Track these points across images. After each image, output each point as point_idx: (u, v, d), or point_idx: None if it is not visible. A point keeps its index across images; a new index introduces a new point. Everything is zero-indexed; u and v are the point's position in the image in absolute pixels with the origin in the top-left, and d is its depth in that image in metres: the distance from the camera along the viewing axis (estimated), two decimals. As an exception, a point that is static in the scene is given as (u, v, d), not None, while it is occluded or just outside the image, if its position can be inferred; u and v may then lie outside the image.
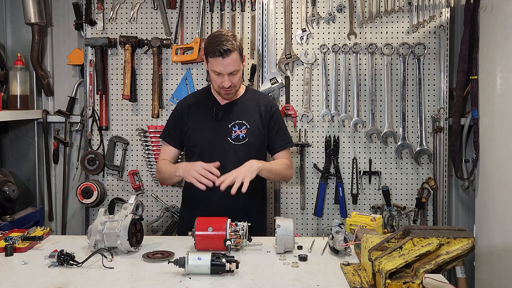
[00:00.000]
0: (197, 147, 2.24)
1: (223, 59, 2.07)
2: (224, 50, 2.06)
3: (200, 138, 2.23)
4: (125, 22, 2.87)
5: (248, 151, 2.20)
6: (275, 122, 2.29)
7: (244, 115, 2.24)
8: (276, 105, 2.37)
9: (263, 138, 2.26)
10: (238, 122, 2.22)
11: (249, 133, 2.21)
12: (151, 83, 2.84)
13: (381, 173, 2.81)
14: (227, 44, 2.06)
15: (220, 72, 2.10)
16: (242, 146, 2.20)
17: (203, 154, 2.21)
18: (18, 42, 2.98)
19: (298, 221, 2.86)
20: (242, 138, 2.20)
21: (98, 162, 2.86)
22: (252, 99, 2.29)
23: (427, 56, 2.77)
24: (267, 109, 2.28)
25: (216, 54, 2.07)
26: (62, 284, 1.47)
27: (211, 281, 1.48)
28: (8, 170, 2.87)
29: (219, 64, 2.09)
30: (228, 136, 2.20)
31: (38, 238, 1.85)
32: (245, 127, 2.22)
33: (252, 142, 2.21)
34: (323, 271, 1.57)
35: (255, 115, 2.25)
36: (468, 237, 1.30)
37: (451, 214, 2.92)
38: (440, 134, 2.76)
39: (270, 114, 2.28)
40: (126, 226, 1.71)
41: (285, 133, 2.33)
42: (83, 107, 2.92)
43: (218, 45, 2.07)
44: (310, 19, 2.80)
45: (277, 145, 2.29)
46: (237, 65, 2.12)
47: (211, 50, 2.09)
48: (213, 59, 2.09)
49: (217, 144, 2.21)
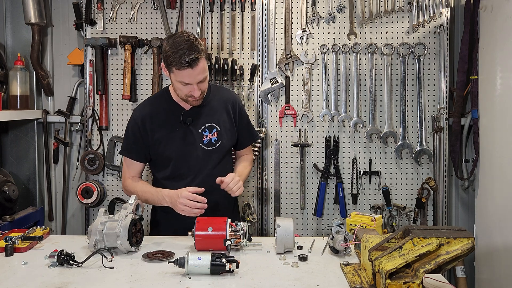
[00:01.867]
0: (170, 159, 2.09)
1: (192, 69, 1.88)
2: (191, 60, 1.85)
3: (172, 149, 2.08)
4: (125, 22, 2.87)
5: (220, 154, 2.13)
6: (242, 118, 2.23)
7: (212, 117, 2.11)
8: (240, 98, 2.31)
9: (234, 137, 2.19)
10: (208, 126, 2.10)
11: (220, 135, 2.12)
12: (151, 83, 2.83)
13: (381, 173, 2.81)
14: (193, 52, 1.86)
15: (189, 83, 1.93)
16: (215, 150, 2.11)
17: (177, 165, 2.09)
18: (18, 42, 2.98)
19: (298, 221, 2.86)
20: (214, 141, 2.10)
21: (98, 162, 2.86)
22: (217, 98, 2.16)
23: (427, 56, 2.77)
24: (234, 106, 2.18)
25: (183, 65, 1.86)
26: (62, 284, 1.47)
27: (211, 281, 1.48)
28: (8, 170, 2.87)
29: (187, 75, 1.89)
30: (200, 142, 2.08)
31: (38, 238, 1.85)
32: (216, 130, 2.11)
33: (224, 145, 2.13)
34: (323, 271, 1.57)
35: (223, 115, 2.14)
36: (468, 237, 1.30)
37: (451, 214, 2.92)
38: (440, 134, 2.76)
39: (238, 111, 2.19)
40: (126, 226, 1.71)
41: (252, 129, 2.31)
42: (83, 107, 2.92)
43: (184, 54, 1.85)
44: (310, 19, 2.80)
45: (246, 141, 2.27)
46: (205, 71, 1.95)
47: (176, 61, 1.87)
48: (180, 71, 1.89)
49: (190, 152, 2.08)
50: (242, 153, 2.32)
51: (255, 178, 2.84)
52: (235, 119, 2.18)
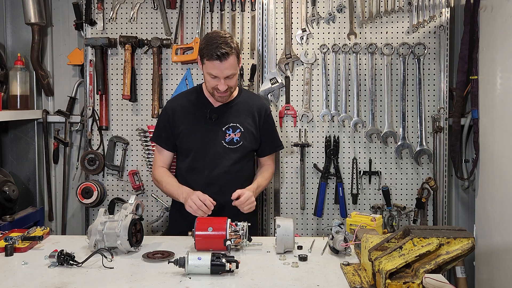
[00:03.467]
0: (190, 150, 2.19)
1: (221, 62, 1.99)
2: (222, 54, 1.97)
3: (193, 141, 2.17)
4: (125, 22, 2.87)
5: (241, 155, 2.19)
6: (268, 125, 2.27)
7: (237, 118, 2.19)
8: (269, 107, 2.35)
9: (256, 141, 2.23)
10: (232, 125, 2.18)
11: (243, 136, 2.18)
12: (151, 83, 2.83)
13: (381, 173, 2.81)
14: (225, 47, 1.98)
15: (216, 76, 2.03)
16: (236, 149, 2.17)
17: (196, 158, 2.18)
18: (18, 42, 2.98)
19: (298, 221, 2.86)
20: (236, 141, 2.17)
21: (98, 162, 2.86)
22: (245, 101, 2.25)
23: (427, 56, 2.77)
24: (260, 112, 2.24)
25: (213, 57, 1.98)
26: (62, 284, 1.47)
27: (211, 281, 1.48)
28: (8, 170, 2.87)
29: (216, 67, 2.01)
30: (222, 140, 2.16)
31: (38, 238, 1.85)
32: (239, 130, 2.18)
33: (246, 146, 2.19)
34: (323, 271, 1.57)
35: (248, 118, 2.21)
36: (468, 237, 1.30)
37: (451, 214, 2.92)
38: (440, 134, 2.76)
39: (264, 118, 2.25)
40: (126, 226, 1.71)
41: (276, 137, 2.33)
42: (83, 107, 2.92)
43: (216, 47, 1.98)
44: (310, 19, 2.80)
45: (268, 149, 2.30)
46: (234, 68, 2.05)
47: (208, 53, 2.00)
48: (210, 62, 2.01)
49: (211, 147, 2.16)
50: (264, 161, 2.35)
51: (255, 178, 2.84)
52: (260, 125, 2.24)
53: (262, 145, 2.28)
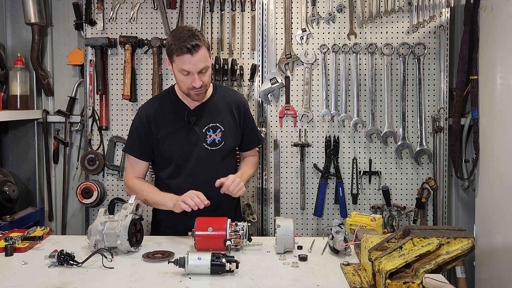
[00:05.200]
0: (172, 158, 2.09)
1: (192, 56, 1.89)
2: (192, 46, 1.88)
3: (174, 148, 2.07)
4: (125, 22, 2.87)
5: (224, 155, 2.12)
6: (248, 120, 2.21)
7: (216, 117, 2.11)
8: (246, 100, 2.28)
9: (237, 139, 2.18)
10: (212, 126, 2.09)
11: (224, 135, 2.11)
12: (151, 83, 2.83)
13: (381, 173, 2.81)
14: (194, 40, 1.89)
15: (189, 71, 1.93)
16: (218, 150, 2.10)
17: (179, 164, 2.09)
18: (18, 42, 2.98)
19: (298, 221, 2.86)
20: (218, 142, 2.09)
21: (98, 162, 2.86)
22: (222, 98, 2.16)
23: (427, 56, 2.77)
24: (239, 107, 2.17)
25: (183, 51, 1.88)
26: (62, 284, 1.47)
27: (211, 281, 1.48)
28: (8, 170, 2.87)
29: (187, 62, 1.90)
30: (203, 142, 2.08)
31: (38, 238, 1.84)
32: (219, 130, 2.10)
33: (228, 145, 2.12)
34: (323, 271, 1.57)
35: (228, 116, 2.13)
36: (468, 237, 1.30)
37: (451, 214, 2.92)
38: (440, 134, 2.76)
39: (243, 113, 2.18)
40: (126, 226, 1.71)
41: (257, 132, 2.30)
42: (83, 107, 2.92)
43: (184, 41, 1.88)
44: (310, 19, 2.80)
45: (250, 143, 2.26)
46: (207, 61, 1.95)
47: (176, 48, 1.90)
48: (180, 57, 1.90)
49: (193, 152, 2.08)
50: (247, 154, 2.31)
51: (255, 178, 2.84)
52: (240, 121, 2.17)
53: (244, 140, 2.22)
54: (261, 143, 2.37)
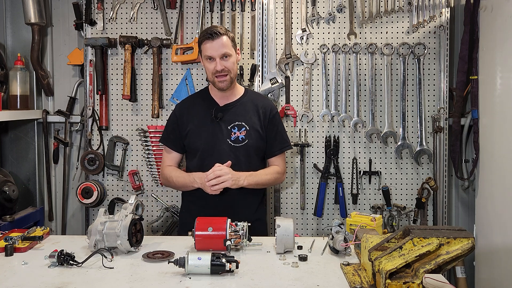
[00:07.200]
0: (197, 150, 2.23)
1: (213, 41, 2.10)
2: (213, 33, 2.10)
3: (200, 140, 2.22)
4: (125, 22, 2.87)
5: (247, 153, 2.20)
6: (274, 125, 2.27)
7: (243, 117, 2.23)
8: (276, 108, 2.36)
9: (262, 140, 2.25)
10: (237, 124, 2.21)
11: (248, 134, 2.21)
12: (151, 83, 2.84)
13: (381, 173, 2.81)
14: (215, 29, 2.12)
15: (211, 56, 2.12)
16: (241, 147, 2.20)
17: (203, 156, 2.21)
18: (18, 42, 2.98)
19: (298, 221, 2.86)
20: (241, 139, 2.20)
21: (98, 162, 2.86)
22: (250, 101, 2.28)
23: (427, 56, 2.77)
24: (266, 112, 2.26)
25: (206, 37, 2.12)
26: (62, 284, 1.47)
27: (211, 281, 1.48)
28: (8, 170, 2.87)
29: (209, 47, 2.12)
30: (227, 138, 2.20)
31: (38, 238, 1.84)
32: (244, 129, 2.21)
33: (251, 144, 2.21)
34: (323, 271, 1.57)
35: (254, 117, 2.24)
36: (468, 237, 1.30)
37: (451, 214, 2.92)
38: (440, 134, 2.76)
39: (269, 118, 2.26)
40: (126, 226, 1.71)
41: (283, 137, 2.32)
42: (83, 107, 2.93)
43: (207, 30, 2.14)
44: (310, 19, 2.80)
45: (275, 149, 2.29)
46: (228, 48, 2.13)
47: (201, 37, 2.16)
48: (204, 44, 2.13)
49: (217, 146, 2.20)
50: (272, 162, 2.33)
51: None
52: (265, 124, 2.25)
53: (268, 144, 2.28)
54: (286, 148, 2.33)
